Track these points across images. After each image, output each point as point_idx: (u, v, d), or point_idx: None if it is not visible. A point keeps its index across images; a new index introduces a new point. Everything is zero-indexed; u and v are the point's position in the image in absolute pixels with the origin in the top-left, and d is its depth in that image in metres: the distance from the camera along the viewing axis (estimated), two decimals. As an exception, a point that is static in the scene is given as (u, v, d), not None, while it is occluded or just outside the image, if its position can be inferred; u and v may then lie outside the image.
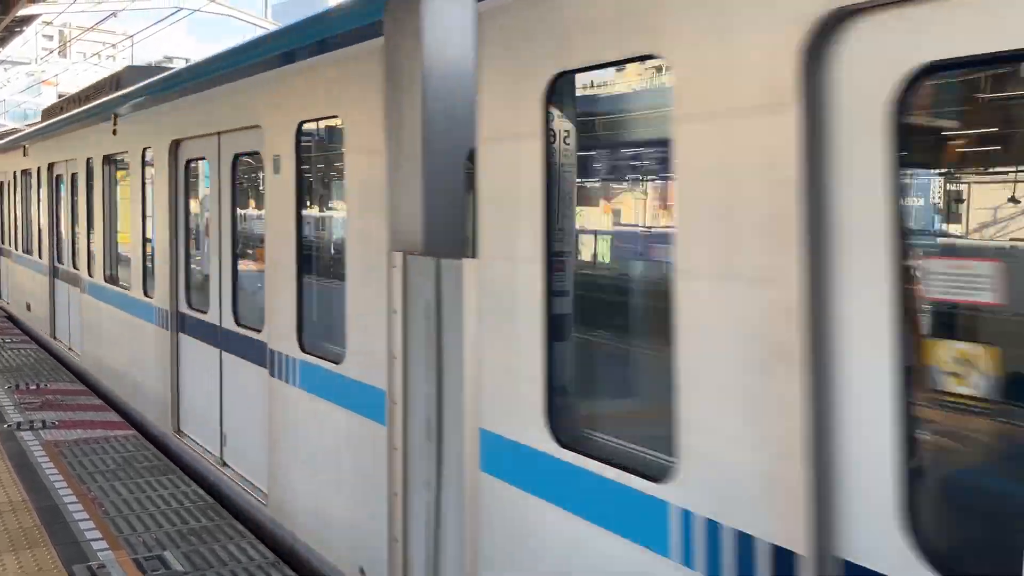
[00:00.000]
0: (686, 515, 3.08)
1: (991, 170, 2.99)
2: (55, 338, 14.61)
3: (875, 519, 2.52)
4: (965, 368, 2.56)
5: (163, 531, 6.56)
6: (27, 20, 22.12)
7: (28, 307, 16.90)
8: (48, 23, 28.64)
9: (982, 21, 2.29)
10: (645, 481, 3.25)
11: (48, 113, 18.01)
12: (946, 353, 2.61)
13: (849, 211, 2.60)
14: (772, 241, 2.75)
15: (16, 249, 18.49)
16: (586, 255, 4.57)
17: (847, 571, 2.61)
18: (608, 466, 3.43)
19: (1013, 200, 2.74)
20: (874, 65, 2.53)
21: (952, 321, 2.72)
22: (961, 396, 2.58)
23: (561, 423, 3.75)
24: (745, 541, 2.88)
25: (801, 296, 2.66)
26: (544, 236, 3.79)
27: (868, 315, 2.55)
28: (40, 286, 15.61)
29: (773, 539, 2.78)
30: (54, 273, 14.64)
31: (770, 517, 2.78)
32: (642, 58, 3.41)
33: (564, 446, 3.65)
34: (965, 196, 2.93)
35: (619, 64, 3.64)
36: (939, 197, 2.93)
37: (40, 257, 15.66)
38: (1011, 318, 2.54)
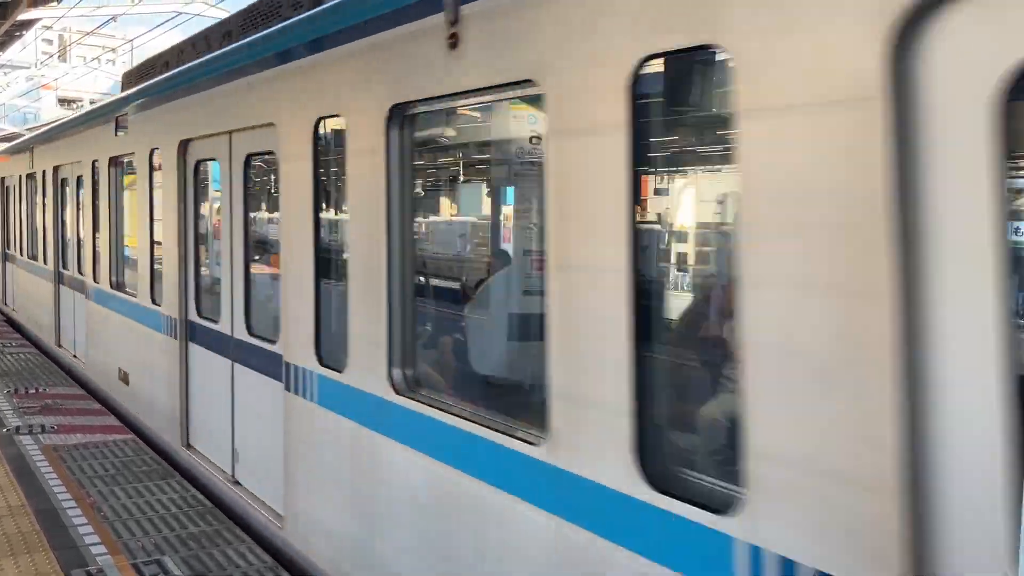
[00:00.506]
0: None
1: None
2: (189, 446, 8.36)
3: None
4: None
5: (162, 536, 6.55)
6: (27, 24, 22.17)
7: (123, 378, 10.39)
8: (48, 27, 28.71)
9: None
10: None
11: (140, 73, 11.42)
12: None
13: None
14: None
15: (93, 280, 11.77)
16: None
17: None
18: None
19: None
20: None
21: None
22: None
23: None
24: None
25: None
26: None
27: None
28: (152, 349, 9.20)
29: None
30: (189, 333, 8.38)
31: None
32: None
33: None
34: None
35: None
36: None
37: (155, 302, 9.13)
38: None
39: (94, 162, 11.66)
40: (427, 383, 4.96)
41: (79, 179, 12.76)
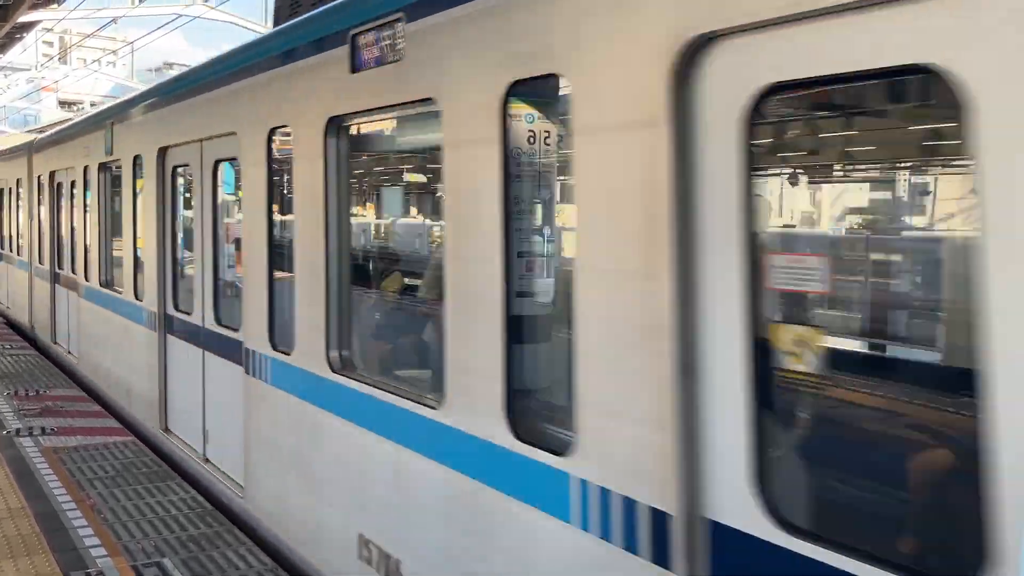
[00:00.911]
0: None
1: None
2: None
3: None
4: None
5: (162, 538, 6.55)
6: (27, 26, 22.19)
7: (375, 561, 4.99)
8: (48, 29, 28.74)
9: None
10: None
11: None
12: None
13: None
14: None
15: (272, 347, 6.34)
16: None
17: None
18: None
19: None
20: None
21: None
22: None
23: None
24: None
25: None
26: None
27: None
28: (495, 538, 4.04)
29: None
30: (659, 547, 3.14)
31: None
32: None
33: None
34: None
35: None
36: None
37: (521, 436, 3.86)
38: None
39: (272, 133, 6.34)
40: None
41: (218, 166, 7.81)
